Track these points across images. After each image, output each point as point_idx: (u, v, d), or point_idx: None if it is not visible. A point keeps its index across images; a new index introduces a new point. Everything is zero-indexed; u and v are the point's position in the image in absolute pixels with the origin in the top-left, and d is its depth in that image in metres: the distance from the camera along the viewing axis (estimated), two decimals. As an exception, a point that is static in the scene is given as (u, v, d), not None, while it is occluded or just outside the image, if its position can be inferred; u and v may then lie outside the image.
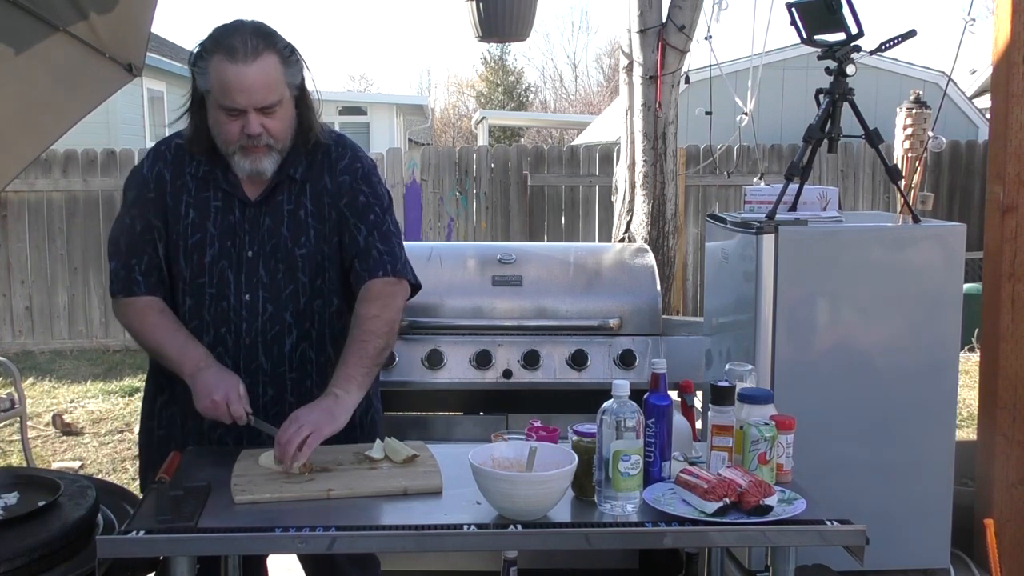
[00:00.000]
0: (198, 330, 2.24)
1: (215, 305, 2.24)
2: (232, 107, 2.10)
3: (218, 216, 2.24)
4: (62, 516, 2.05)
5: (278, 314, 2.25)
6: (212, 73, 2.09)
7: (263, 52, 2.09)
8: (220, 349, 2.24)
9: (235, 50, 2.07)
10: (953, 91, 11.75)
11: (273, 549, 1.78)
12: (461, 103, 34.49)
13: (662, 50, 4.33)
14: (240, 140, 2.13)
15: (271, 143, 2.16)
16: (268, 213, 2.25)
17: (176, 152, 2.28)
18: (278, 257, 2.24)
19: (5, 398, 4.44)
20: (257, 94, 2.09)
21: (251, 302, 2.24)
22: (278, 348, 2.27)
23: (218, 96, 2.10)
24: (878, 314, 2.69)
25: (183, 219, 2.24)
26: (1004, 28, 2.90)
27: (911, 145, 2.92)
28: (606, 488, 1.84)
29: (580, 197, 8.56)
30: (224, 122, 2.13)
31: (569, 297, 3.35)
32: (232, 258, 2.24)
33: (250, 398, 2.18)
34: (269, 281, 2.24)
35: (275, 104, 2.12)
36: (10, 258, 8.21)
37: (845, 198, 8.29)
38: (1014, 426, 2.94)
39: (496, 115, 23.74)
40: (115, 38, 2.81)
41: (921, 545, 2.74)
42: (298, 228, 2.25)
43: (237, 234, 2.24)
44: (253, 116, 2.11)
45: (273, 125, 2.14)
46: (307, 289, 2.27)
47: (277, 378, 2.28)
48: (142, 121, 12.99)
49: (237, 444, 2.24)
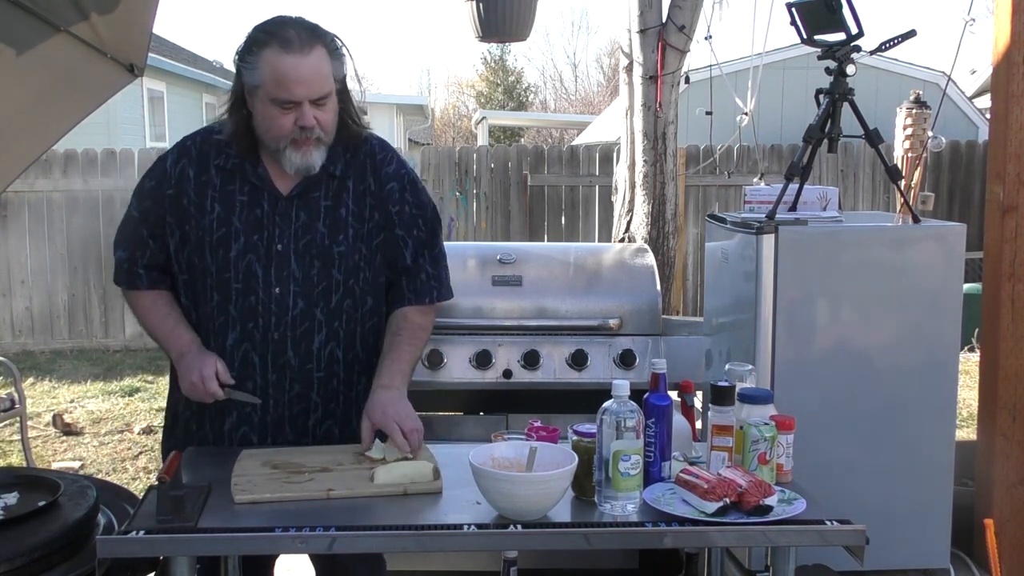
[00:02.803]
0: (224, 326, 2.22)
1: (242, 300, 2.21)
2: (288, 99, 2.08)
3: (244, 210, 2.21)
4: (62, 516, 2.06)
5: (309, 310, 2.22)
6: (265, 66, 2.07)
7: (315, 44, 2.10)
8: (247, 345, 2.22)
9: (290, 42, 2.06)
10: (953, 91, 11.75)
11: (273, 549, 1.78)
12: (461, 103, 34.52)
13: (662, 50, 4.33)
14: (292, 133, 2.12)
15: (321, 136, 2.15)
16: (303, 208, 2.22)
17: (202, 147, 2.26)
18: (313, 253, 2.22)
19: (5, 398, 4.44)
20: (313, 85, 2.09)
21: (281, 296, 2.21)
22: (307, 345, 2.24)
23: (272, 89, 2.08)
24: (878, 314, 2.69)
25: (208, 214, 2.21)
26: (1004, 28, 2.90)
27: (911, 145, 2.92)
28: (606, 488, 1.84)
29: (580, 197, 8.56)
30: (276, 116, 2.11)
31: (569, 297, 3.35)
32: (260, 252, 2.20)
33: (276, 394, 2.22)
34: (302, 276, 2.21)
35: (327, 96, 2.13)
36: (10, 258, 8.21)
37: (845, 198, 8.29)
38: (1014, 426, 2.94)
39: (496, 115, 23.73)
40: (116, 38, 2.81)
41: (921, 545, 2.74)
42: (337, 225, 2.23)
43: (265, 227, 2.21)
44: (308, 108, 2.10)
45: (323, 117, 2.14)
46: (340, 287, 2.24)
47: (304, 375, 2.25)
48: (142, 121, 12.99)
49: (261, 443, 2.25)
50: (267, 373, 2.22)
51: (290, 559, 2.67)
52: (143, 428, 6.01)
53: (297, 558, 2.62)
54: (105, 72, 2.90)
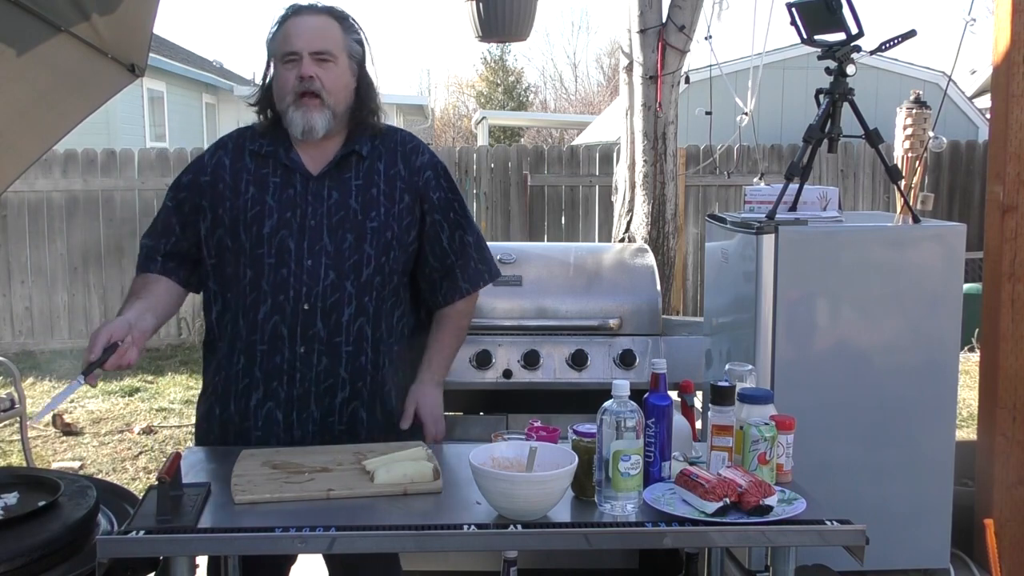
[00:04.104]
0: (256, 301, 2.27)
1: (274, 273, 2.26)
2: (289, 51, 2.23)
3: (277, 190, 2.30)
4: (62, 516, 2.05)
5: (340, 282, 2.27)
6: (278, 31, 2.27)
7: (324, 13, 2.29)
8: (277, 317, 2.26)
9: (301, 8, 2.29)
10: (953, 91, 11.76)
11: (273, 549, 1.78)
12: (461, 103, 34.49)
13: (662, 50, 4.34)
14: (294, 87, 2.23)
15: (323, 95, 2.24)
16: (335, 188, 2.31)
17: (237, 139, 2.39)
18: (346, 227, 2.28)
19: (5, 398, 4.44)
20: (313, 39, 2.23)
21: (313, 267, 2.26)
22: (336, 316, 2.28)
23: (279, 48, 2.26)
24: (878, 314, 2.69)
25: (243, 195, 2.30)
26: (1004, 28, 2.90)
27: (911, 145, 2.92)
28: (606, 488, 1.84)
29: (580, 197, 8.56)
30: (282, 74, 2.26)
31: (569, 297, 3.35)
32: (292, 227, 2.27)
33: (303, 368, 2.27)
34: (334, 250, 2.27)
35: (329, 53, 2.24)
36: (10, 258, 8.22)
37: (845, 198, 8.29)
38: (1014, 426, 2.94)
39: (496, 115, 23.74)
40: (117, 39, 2.81)
41: (921, 545, 2.74)
42: (369, 202, 2.31)
43: (298, 205, 2.29)
44: (307, 60, 2.22)
45: (325, 76, 2.24)
46: (371, 262, 2.30)
47: (333, 348, 2.28)
48: (142, 121, 13.00)
49: (286, 420, 2.29)
50: (295, 346, 2.26)
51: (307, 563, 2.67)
52: (143, 428, 6.01)
53: (313, 562, 2.61)
54: (106, 72, 2.90)
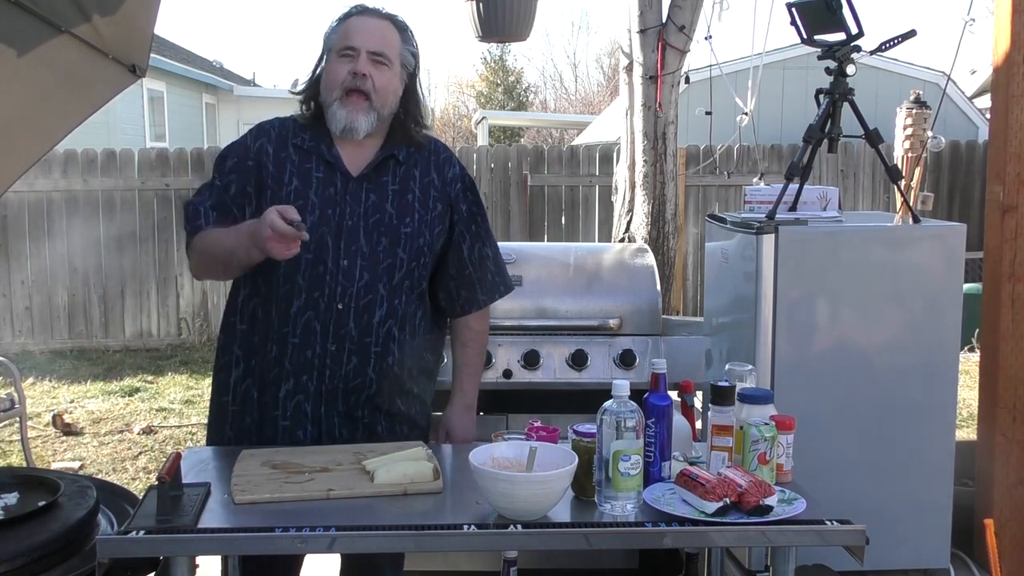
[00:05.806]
0: (289, 294, 2.30)
1: (311, 269, 2.29)
2: (348, 45, 2.29)
3: (319, 186, 2.33)
4: (62, 516, 2.06)
5: (373, 284, 2.31)
6: (340, 27, 2.34)
7: (387, 19, 2.36)
8: (310, 313, 2.30)
9: (367, 9, 2.37)
10: (953, 91, 11.76)
11: (273, 549, 1.78)
12: (461, 103, 34.45)
13: (662, 50, 4.33)
14: (345, 81, 2.28)
15: (372, 96, 2.29)
16: (372, 190, 2.34)
17: (280, 129, 2.41)
18: (381, 230, 2.33)
19: (5, 398, 4.45)
20: (374, 38, 2.30)
21: (348, 267, 2.30)
22: (368, 317, 2.31)
23: (339, 42, 2.31)
24: (878, 314, 2.69)
25: (286, 186, 2.33)
26: (1004, 28, 2.90)
27: (911, 145, 2.91)
28: (606, 488, 1.84)
29: (580, 197, 8.56)
30: (335, 66, 2.30)
31: (569, 297, 3.35)
32: (331, 225, 2.30)
33: (333, 365, 2.30)
34: (369, 252, 2.31)
35: (385, 56, 2.31)
36: (10, 258, 8.22)
37: (845, 198, 8.29)
38: (1014, 426, 2.94)
39: (496, 115, 23.72)
40: (118, 39, 2.80)
41: (921, 545, 2.74)
42: (404, 208, 2.36)
43: (338, 204, 2.32)
44: (364, 58, 2.28)
45: (378, 77, 2.29)
46: (403, 266, 2.34)
47: (362, 348, 2.32)
48: (142, 121, 13.00)
49: (314, 414, 2.30)
50: (327, 343, 2.29)
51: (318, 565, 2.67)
52: (143, 428, 6.01)
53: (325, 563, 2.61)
54: (107, 73, 2.90)
